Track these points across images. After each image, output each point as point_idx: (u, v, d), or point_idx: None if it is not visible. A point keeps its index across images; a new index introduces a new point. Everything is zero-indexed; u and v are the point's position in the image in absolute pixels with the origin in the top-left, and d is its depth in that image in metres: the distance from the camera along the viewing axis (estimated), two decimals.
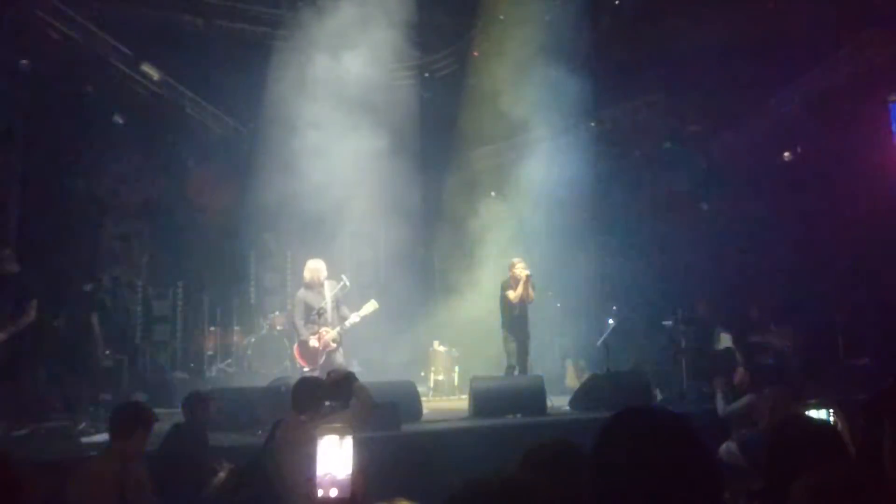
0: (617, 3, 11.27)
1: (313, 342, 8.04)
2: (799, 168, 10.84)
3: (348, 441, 1.37)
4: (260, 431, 6.11)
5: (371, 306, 8.23)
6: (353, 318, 8.15)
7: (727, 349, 8.77)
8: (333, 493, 1.33)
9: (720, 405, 6.79)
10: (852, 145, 9.91)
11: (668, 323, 9.86)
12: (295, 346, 8.43)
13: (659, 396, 8.94)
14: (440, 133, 12.10)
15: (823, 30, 9.32)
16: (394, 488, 1.98)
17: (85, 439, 6.64)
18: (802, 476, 1.66)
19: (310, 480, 1.34)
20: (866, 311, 9.29)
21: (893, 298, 9.02)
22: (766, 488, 2.18)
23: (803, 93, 10.68)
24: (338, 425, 1.38)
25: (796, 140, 10.92)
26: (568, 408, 8.61)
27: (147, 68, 10.67)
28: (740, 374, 7.39)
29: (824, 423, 2.29)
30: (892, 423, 1.86)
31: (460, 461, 5.60)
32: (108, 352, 8.13)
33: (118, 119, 10.37)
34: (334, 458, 1.35)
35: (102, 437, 6.74)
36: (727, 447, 5.88)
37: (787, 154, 11.28)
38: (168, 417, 8.67)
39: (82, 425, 6.97)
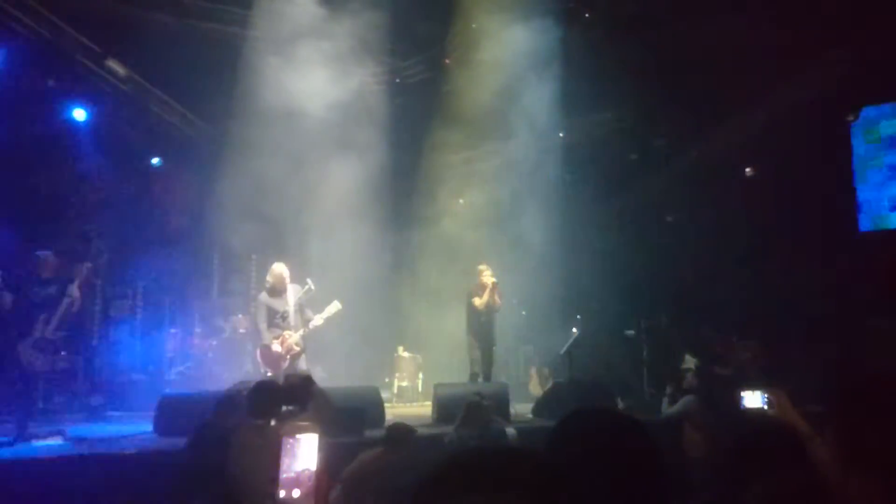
0: (587, 15, 11.38)
1: (276, 346, 7.93)
2: (761, 183, 11.06)
3: (313, 440, 1.33)
4: None
5: (334, 307, 8.11)
6: (317, 320, 8.04)
7: (688, 369, 8.90)
8: (296, 493, 1.30)
9: (664, 407, 6.95)
10: (813, 162, 10.15)
11: (630, 333, 9.96)
12: (258, 350, 8.29)
13: (621, 405, 9.01)
14: (410, 139, 12.08)
15: (788, 48, 9.51)
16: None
17: (37, 442, 6.46)
18: (756, 483, 1.66)
19: (272, 481, 1.30)
20: (827, 323, 9.45)
21: (853, 310, 9.25)
22: (719, 496, 2.17)
23: (767, 109, 10.89)
24: (304, 424, 1.35)
25: (759, 156, 11.14)
26: (531, 415, 8.65)
27: (113, 64, 10.47)
28: (689, 379, 7.51)
29: (783, 427, 2.30)
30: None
31: (422, 467, 5.55)
32: (63, 353, 7.88)
33: (81, 115, 10.15)
34: (297, 457, 1.32)
35: (55, 440, 6.58)
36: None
37: (749, 169, 11.52)
38: (126, 419, 8.54)
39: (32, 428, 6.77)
